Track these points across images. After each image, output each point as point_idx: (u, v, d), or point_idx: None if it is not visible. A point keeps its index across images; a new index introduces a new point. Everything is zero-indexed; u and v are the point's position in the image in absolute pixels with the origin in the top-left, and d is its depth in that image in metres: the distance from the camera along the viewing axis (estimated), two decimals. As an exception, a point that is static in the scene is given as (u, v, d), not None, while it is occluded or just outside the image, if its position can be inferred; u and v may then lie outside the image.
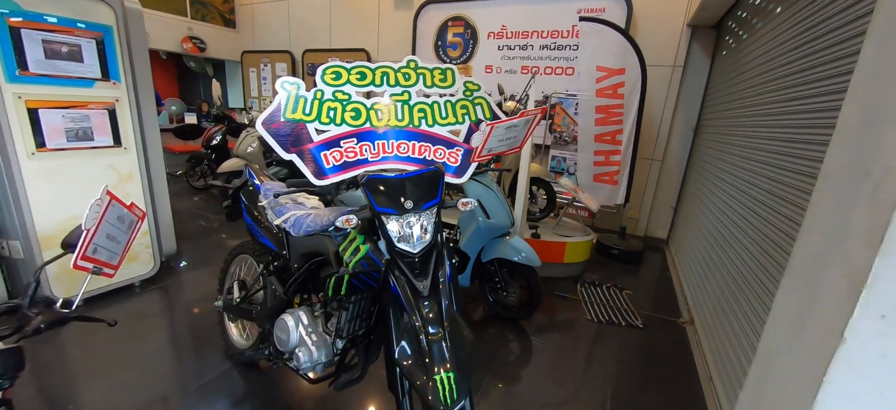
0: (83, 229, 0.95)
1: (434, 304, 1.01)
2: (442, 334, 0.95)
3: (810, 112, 1.61)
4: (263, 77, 6.98)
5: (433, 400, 0.85)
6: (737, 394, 1.75)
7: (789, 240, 1.54)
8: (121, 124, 2.51)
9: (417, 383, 0.88)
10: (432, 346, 0.92)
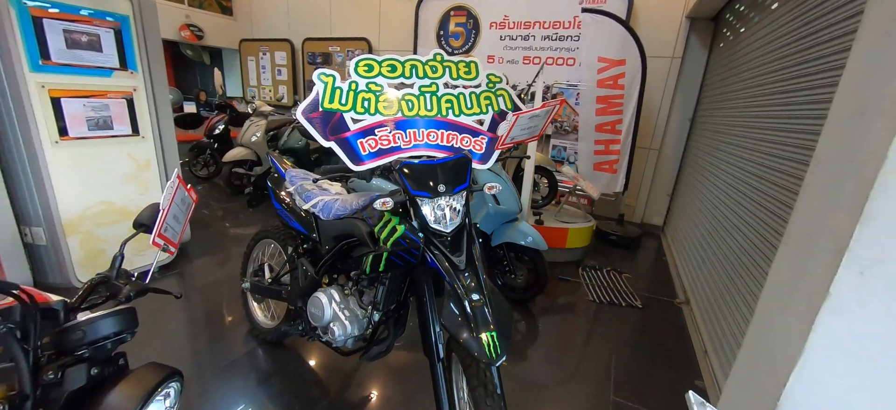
0: (161, 208, 1.04)
1: (472, 276, 1.13)
2: (483, 301, 1.07)
3: (804, 104, 1.74)
4: (262, 66, 6.96)
5: (479, 354, 0.97)
6: (730, 363, 1.91)
7: (782, 223, 1.68)
8: (138, 114, 2.56)
9: (464, 338, 1.00)
10: (476, 311, 1.04)
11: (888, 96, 0.68)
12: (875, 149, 0.69)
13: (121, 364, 0.76)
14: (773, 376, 0.86)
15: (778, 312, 0.92)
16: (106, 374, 0.73)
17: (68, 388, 0.67)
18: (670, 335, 2.56)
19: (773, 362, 0.87)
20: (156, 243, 1.02)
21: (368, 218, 1.44)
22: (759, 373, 0.95)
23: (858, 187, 0.71)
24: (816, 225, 0.84)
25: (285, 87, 6.81)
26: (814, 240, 0.83)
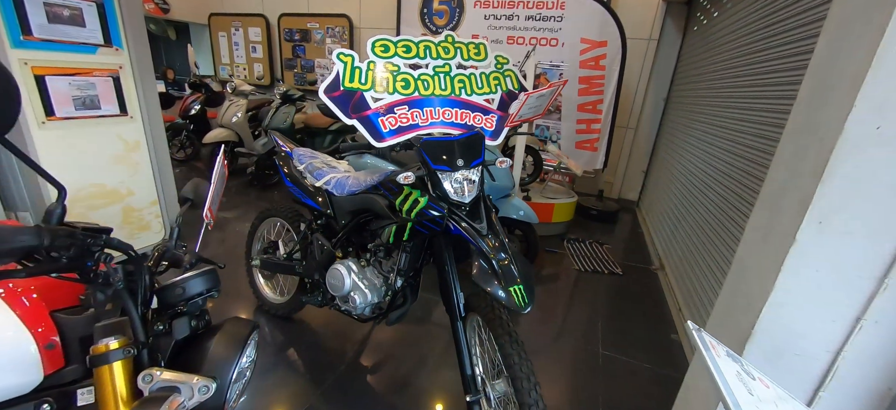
0: (211, 182, 1.09)
1: (495, 238, 1.26)
2: (509, 259, 1.21)
3: (773, 85, 1.95)
4: (235, 42, 6.67)
5: (509, 303, 1.12)
6: (701, 317, 2.17)
7: (751, 193, 1.91)
8: (126, 92, 2.49)
9: (496, 291, 1.14)
10: (503, 268, 1.17)
11: (846, 79, 0.85)
12: (834, 123, 0.86)
13: (207, 319, 0.84)
14: (749, 309, 1.05)
15: (752, 258, 1.11)
16: (201, 326, 0.81)
17: (176, 337, 0.76)
18: (648, 297, 2.83)
19: (749, 298, 1.06)
20: (205, 216, 1.08)
21: (387, 193, 1.53)
22: (736, 308, 1.14)
23: (820, 154, 0.89)
24: (785, 186, 1.02)
25: (261, 65, 6.58)
26: (783, 198, 1.01)
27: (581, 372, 2.02)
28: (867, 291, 0.91)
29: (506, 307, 1.12)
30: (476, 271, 1.22)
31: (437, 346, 2.12)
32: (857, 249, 0.89)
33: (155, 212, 2.79)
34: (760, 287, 1.02)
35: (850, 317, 0.94)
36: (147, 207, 2.73)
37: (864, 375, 0.96)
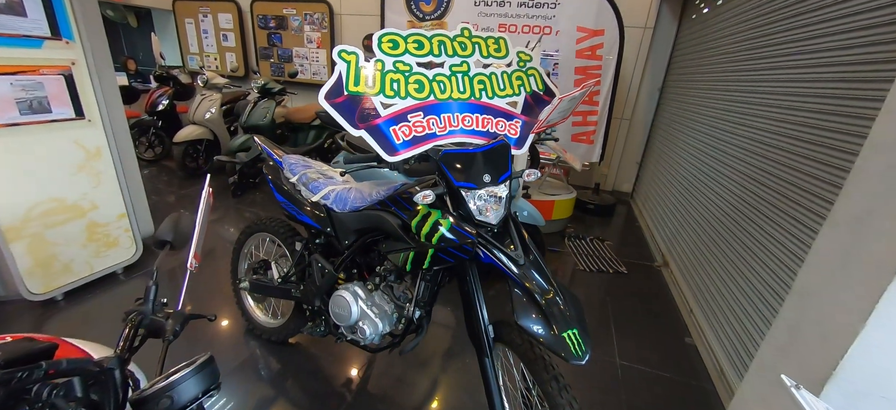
0: (196, 224, 0.87)
1: (535, 268, 1.10)
2: (553, 293, 1.05)
3: (784, 82, 1.85)
4: (204, 30, 6.19)
5: (567, 355, 0.96)
6: (716, 319, 2.10)
7: (771, 192, 1.82)
8: (81, 92, 2.17)
9: (546, 339, 0.98)
10: (552, 307, 1.02)
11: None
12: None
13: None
14: (828, 344, 0.94)
15: (827, 287, 1.00)
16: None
17: None
18: (655, 298, 2.76)
19: (828, 332, 0.95)
20: (189, 264, 0.87)
21: (400, 211, 1.35)
22: (806, 340, 1.03)
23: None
24: (870, 211, 0.90)
25: (234, 54, 6.14)
26: (870, 222, 0.90)
27: (602, 387, 1.92)
28: (974, 330, 0.81)
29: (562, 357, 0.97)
30: (517, 309, 1.06)
31: (451, 367, 1.97)
32: (967, 284, 0.78)
33: (123, 226, 2.49)
34: (844, 322, 0.91)
35: (949, 357, 0.84)
36: (114, 221, 2.43)
37: (960, 418, 0.87)
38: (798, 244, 1.51)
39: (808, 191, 1.54)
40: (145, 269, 2.63)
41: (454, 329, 2.24)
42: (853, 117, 1.37)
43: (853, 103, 1.39)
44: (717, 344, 2.04)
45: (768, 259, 1.72)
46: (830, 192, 1.38)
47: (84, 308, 2.24)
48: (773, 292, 1.63)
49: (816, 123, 1.58)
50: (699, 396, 1.91)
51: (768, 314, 1.63)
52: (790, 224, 1.60)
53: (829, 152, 1.46)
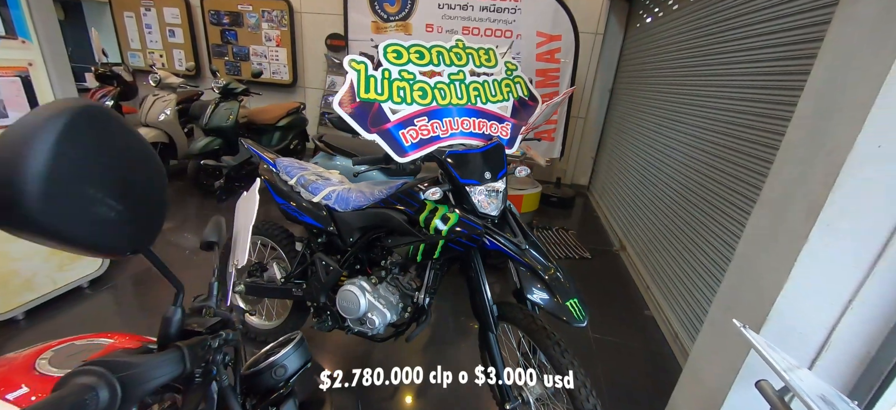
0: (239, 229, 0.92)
1: (536, 249, 1.27)
2: (554, 269, 1.23)
3: (719, 86, 2.20)
4: (147, 25, 5.76)
5: (568, 319, 1.14)
6: (671, 293, 2.43)
7: (713, 182, 2.15)
8: (39, 95, 2.03)
9: (553, 307, 1.16)
10: (554, 281, 1.19)
11: (853, 104, 1.00)
12: (843, 141, 1.00)
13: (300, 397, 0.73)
14: (762, 298, 1.20)
15: (760, 253, 1.27)
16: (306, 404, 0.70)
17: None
18: (616, 278, 3.09)
19: (761, 289, 1.21)
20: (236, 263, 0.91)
21: (406, 207, 1.46)
22: (745, 296, 1.30)
23: (829, 166, 1.03)
24: (790, 193, 1.18)
25: (182, 51, 5.79)
26: (790, 203, 1.17)
27: (581, 357, 2.15)
28: (858, 279, 1.09)
29: (564, 321, 1.15)
30: (523, 283, 1.23)
31: (451, 350, 2.12)
32: (853, 245, 1.06)
33: (87, 236, 2.34)
34: (773, 280, 1.17)
35: (843, 300, 1.12)
36: (77, 231, 2.29)
37: (851, 344, 1.16)
38: (736, 223, 1.83)
39: (741, 179, 1.86)
40: (113, 280, 2.50)
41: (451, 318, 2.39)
42: (775, 118, 1.70)
43: (774, 107, 1.72)
44: (671, 314, 2.37)
45: (711, 237, 2.04)
46: (760, 179, 1.70)
47: (49, 327, 2.10)
48: (716, 264, 1.95)
49: (746, 122, 1.91)
50: (659, 359, 2.22)
51: (713, 283, 1.95)
52: (728, 207, 1.93)
53: (758, 147, 1.79)
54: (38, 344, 0.69)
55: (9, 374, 0.60)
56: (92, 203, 0.42)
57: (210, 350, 0.54)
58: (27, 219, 0.37)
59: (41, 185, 0.36)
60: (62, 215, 0.39)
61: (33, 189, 0.36)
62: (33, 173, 0.36)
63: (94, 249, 0.44)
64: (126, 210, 0.45)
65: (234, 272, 1.00)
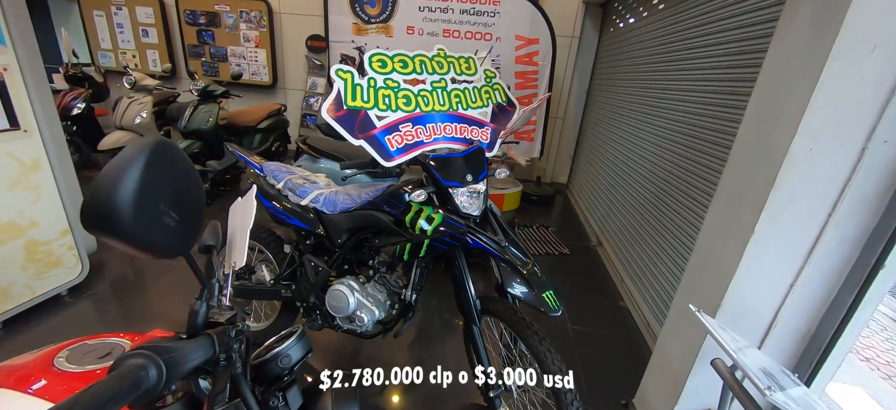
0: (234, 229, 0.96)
1: (515, 246, 1.37)
2: (531, 265, 1.33)
3: (685, 91, 2.36)
4: (118, 24, 5.59)
5: (545, 309, 1.24)
6: (644, 286, 2.59)
7: (680, 181, 2.31)
8: (14, 100, 2.00)
9: (530, 299, 1.26)
10: (531, 275, 1.29)
11: (789, 112, 1.13)
12: (781, 144, 1.14)
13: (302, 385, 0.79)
14: (717, 285, 1.34)
15: (715, 244, 1.41)
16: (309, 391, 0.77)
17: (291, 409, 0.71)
18: (594, 272, 3.24)
19: (716, 277, 1.35)
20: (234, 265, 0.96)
21: (392, 208, 1.53)
22: (704, 284, 1.44)
23: (770, 167, 1.17)
24: (741, 190, 1.31)
25: (156, 51, 5.65)
26: (739, 199, 1.30)
27: (559, 347, 2.27)
28: (798, 265, 1.23)
29: (542, 311, 1.25)
30: (504, 278, 1.32)
31: (437, 345, 2.20)
32: (793, 236, 1.20)
33: (67, 243, 2.32)
34: (726, 268, 1.31)
35: (786, 284, 1.27)
36: (56, 238, 2.26)
37: (794, 323, 1.30)
38: (697, 217, 1.99)
39: (702, 177, 2.02)
40: (94, 288, 2.47)
41: (435, 315, 2.47)
42: (729, 121, 1.85)
43: (728, 111, 1.87)
44: (643, 304, 2.52)
45: (677, 231, 2.20)
46: (717, 176, 1.85)
47: (27, 337, 2.07)
48: (681, 256, 2.10)
49: (706, 124, 2.07)
50: (633, 346, 2.36)
51: (679, 273, 2.10)
52: (691, 202, 2.08)
53: (714, 147, 1.94)
54: (53, 345, 0.73)
55: (29, 371, 0.65)
56: (161, 215, 0.53)
57: (230, 339, 0.61)
58: (121, 229, 0.49)
59: (131, 204, 0.48)
60: (143, 225, 0.50)
61: (126, 207, 0.48)
62: (126, 195, 0.48)
63: (158, 252, 0.56)
64: (180, 220, 0.56)
65: (232, 273, 1.06)
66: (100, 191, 0.48)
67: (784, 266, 1.24)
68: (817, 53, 1.06)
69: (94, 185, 0.48)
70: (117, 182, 0.48)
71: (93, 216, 0.48)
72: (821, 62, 1.04)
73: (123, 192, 0.47)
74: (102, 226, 0.49)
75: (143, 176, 0.49)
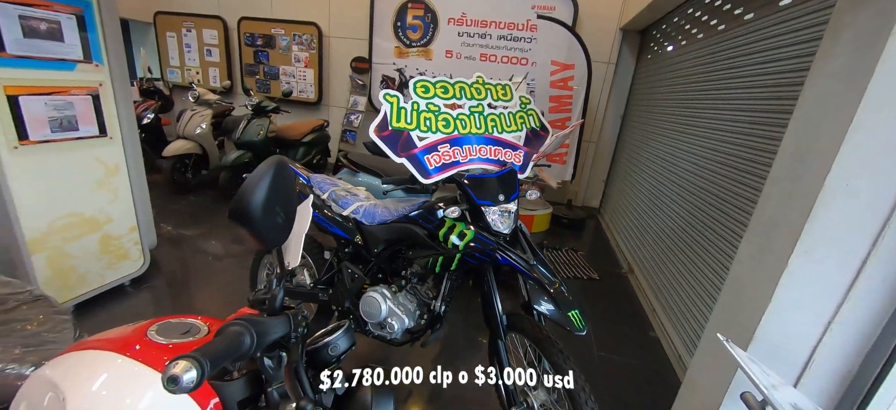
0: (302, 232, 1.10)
1: (543, 265, 1.42)
2: (559, 284, 1.38)
3: (725, 121, 2.34)
4: (187, 44, 6.21)
5: (570, 328, 1.28)
6: (676, 316, 2.52)
7: (711, 206, 2.27)
8: (105, 112, 2.30)
9: (557, 317, 1.30)
10: (558, 294, 1.34)
11: (824, 147, 1.13)
12: (816, 178, 1.14)
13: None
14: (750, 316, 1.32)
15: (748, 276, 1.39)
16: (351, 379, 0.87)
17: (337, 393, 0.81)
18: (623, 299, 3.18)
19: (749, 307, 1.33)
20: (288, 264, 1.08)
21: (425, 223, 1.63)
22: (736, 315, 1.42)
23: (806, 200, 1.17)
24: (777, 222, 1.31)
25: (217, 69, 6.19)
26: (774, 231, 1.30)
27: (585, 373, 2.26)
28: (836, 302, 1.21)
29: (567, 330, 1.29)
30: (531, 296, 1.37)
31: (458, 361, 2.25)
32: (830, 270, 1.18)
33: (134, 239, 2.59)
34: (760, 300, 1.29)
35: (823, 321, 1.24)
36: (126, 234, 2.53)
37: (833, 363, 1.26)
38: (730, 246, 1.95)
39: (736, 205, 1.99)
40: (152, 281, 2.72)
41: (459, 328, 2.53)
42: (763, 150, 1.83)
43: (763, 142, 1.85)
44: (675, 334, 2.46)
45: (711, 259, 2.15)
46: (751, 206, 1.82)
47: (94, 322, 2.31)
48: (715, 285, 2.05)
49: (740, 153, 2.05)
50: (661, 377, 2.30)
51: (713, 304, 2.05)
52: (725, 231, 2.04)
53: (749, 176, 1.92)
54: (143, 321, 0.87)
55: (128, 339, 0.78)
56: (276, 215, 0.68)
57: (299, 321, 0.71)
58: (253, 223, 0.65)
59: (261, 205, 0.64)
60: (266, 221, 0.66)
61: (258, 208, 0.64)
62: (259, 200, 0.64)
63: (268, 242, 0.72)
64: (284, 220, 0.72)
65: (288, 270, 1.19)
66: (244, 195, 0.64)
67: (821, 302, 1.22)
68: (853, 90, 1.07)
69: (241, 190, 0.64)
70: (255, 189, 0.63)
71: (237, 212, 0.65)
72: (858, 95, 1.05)
73: (257, 196, 0.63)
74: (242, 220, 0.65)
75: (270, 186, 0.64)
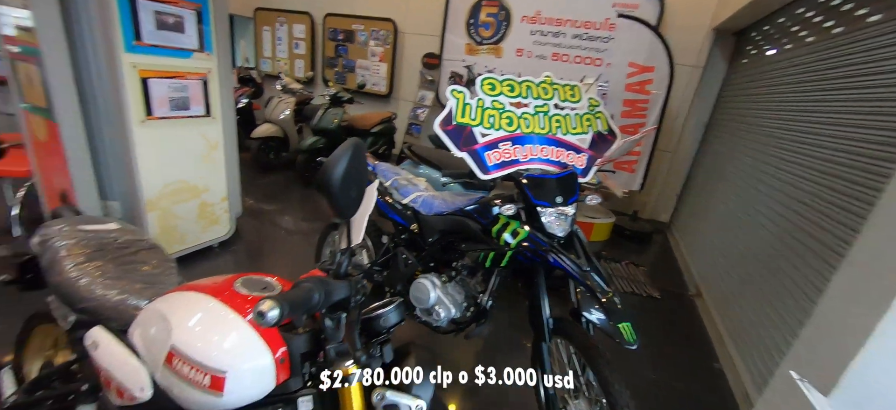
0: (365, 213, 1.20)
1: (596, 273, 1.39)
2: (611, 294, 1.34)
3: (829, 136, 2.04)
4: (278, 37, 6.85)
5: (620, 341, 1.25)
6: (747, 349, 2.27)
7: (803, 232, 2.00)
8: (211, 95, 2.65)
9: (607, 328, 1.27)
10: (611, 304, 1.30)
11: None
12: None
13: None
14: (836, 359, 1.16)
15: (840, 312, 1.23)
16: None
17: (385, 361, 0.90)
18: (687, 324, 2.93)
19: (836, 350, 1.17)
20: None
21: (480, 218, 1.66)
22: (819, 356, 1.26)
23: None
24: (879, 256, 1.13)
25: (303, 61, 6.75)
26: (876, 265, 1.13)
27: (634, 393, 2.14)
28: (955, 358, 1.02)
29: (617, 342, 1.25)
30: (582, 303, 1.35)
31: (501, 355, 2.26)
32: (950, 321, 1.01)
33: (224, 207, 2.96)
34: (850, 343, 1.14)
35: (934, 379, 1.06)
36: (218, 202, 2.90)
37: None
38: (821, 279, 1.72)
39: (832, 233, 1.74)
40: (235, 245, 3.10)
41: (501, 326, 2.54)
42: (872, 173, 1.58)
43: (872, 164, 1.60)
44: (744, 370, 2.22)
45: (796, 292, 1.91)
46: (851, 236, 1.59)
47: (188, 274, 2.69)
48: (798, 321, 1.82)
49: (842, 175, 1.78)
50: (724, 413, 2.10)
51: (792, 341, 1.82)
52: (816, 261, 1.80)
53: (852, 202, 1.67)
54: (228, 275, 1.02)
55: (218, 287, 0.92)
56: (350, 189, 0.77)
57: (358, 289, 0.80)
58: (333, 193, 0.75)
59: (341, 178, 0.73)
60: (342, 193, 0.76)
61: (338, 180, 0.73)
62: (339, 174, 0.73)
63: (342, 212, 0.81)
64: (357, 194, 0.81)
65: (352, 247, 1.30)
66: (328, 168, 0.74)
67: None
68: None
69: (325, 165, 0.75)
70: (337, 164, 0.74)
71: (320, 183, 0.75)
72: None
73: (338, 171, 0.73)
74: (324, 189, 0.75)
75: (348, 163, 0.74)
